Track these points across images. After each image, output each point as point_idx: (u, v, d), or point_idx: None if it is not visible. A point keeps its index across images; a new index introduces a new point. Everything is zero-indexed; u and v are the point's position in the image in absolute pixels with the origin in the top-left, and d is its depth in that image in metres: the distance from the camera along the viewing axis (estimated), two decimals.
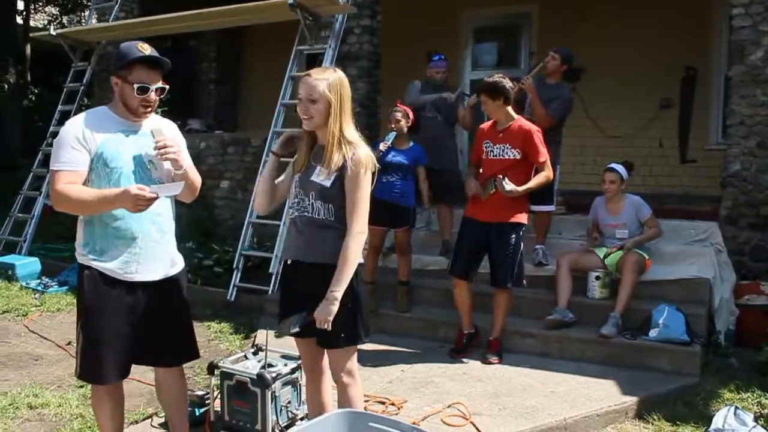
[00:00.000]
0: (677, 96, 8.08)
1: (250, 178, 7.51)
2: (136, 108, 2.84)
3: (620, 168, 5.33)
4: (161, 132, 2.86)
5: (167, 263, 2.97)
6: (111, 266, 2.83)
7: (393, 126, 5.25)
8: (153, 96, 2.85)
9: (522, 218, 4.73)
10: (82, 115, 2.87)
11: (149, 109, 2.88)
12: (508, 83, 4.62)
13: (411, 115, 5.37)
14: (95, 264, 2.84)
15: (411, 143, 5.39)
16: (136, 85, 2.79)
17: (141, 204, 2.64)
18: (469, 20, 9.20)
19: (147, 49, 2.81)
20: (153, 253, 2.89)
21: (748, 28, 5.51)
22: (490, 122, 4.87)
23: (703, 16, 7.77)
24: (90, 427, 3.69)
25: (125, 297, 2.85)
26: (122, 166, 2.79)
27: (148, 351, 2.96)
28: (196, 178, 3.05)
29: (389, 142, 5.16)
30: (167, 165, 2.82)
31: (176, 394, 3.18)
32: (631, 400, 4.07)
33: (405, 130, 5.30)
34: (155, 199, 2.67)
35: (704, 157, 7.91)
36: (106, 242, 2.83)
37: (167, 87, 2.91)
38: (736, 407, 3.75)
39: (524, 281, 4.86)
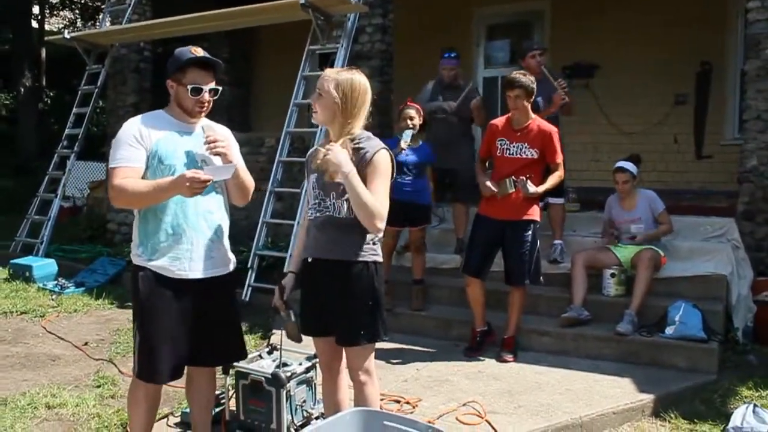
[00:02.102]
0: (692, 91, 8.02)
1: (263, 178, 7.51)
2: (192, 109, 2.93)
3: (629, 165, 5.30)
4: (212, 128, 2.96)
5: (219, 262, 3.01)
6: (163, 263, 2.88)
7: (409, 124, 5.21)
8: (207, 96, 2.94)
9: (535, 214, 4.71)
10: (139, 116, 2.97)
11: (203, 109, 2.96)
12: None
13: (421, 111, 5.35)
14: (149, 264, 2.89)
15: (420, 141, 5.38)
16: (189, 87, 2.87)
17: (196, 187, 2.71)
18: (482, 18, 9.18)
19: (200, 52, 2.90)
20: (204, 250, 2.94)
21: (763, 22, 5.45)
22: (503, 119, 4.84)
23: (718, 10, 7.71)
24: (107, 427, 3.71)
25: (178, 296, 2.89)
26: (176, 163, 2.87)
27: (201, 351, 2.99)
28: (249, 181, 3.09)
29: (409, 140, 5.13)
30: (218, 162, 2.86)
31: (206, 394, 3.22)
32: (648, 398, 4.04)
33: (417, 128, 5.29)
34: (209, 181, 2.73)
35: (720, 152, 7.84)
36: (158, 238, 2.88)
37: (220, 88, 3.00)
38: (755, 405, 3.70)
39: (541, 278, 4.85)
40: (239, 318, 3.20)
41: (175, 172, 2.84)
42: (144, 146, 2.85)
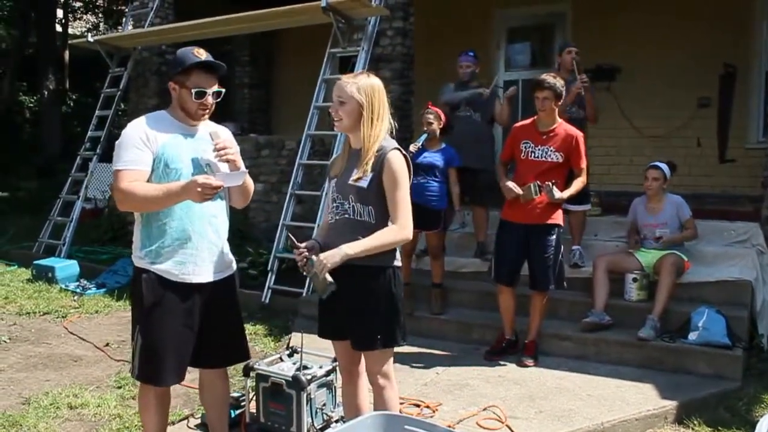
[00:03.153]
0: (716, 94, 7.92)
1: (284, 181, 7.54)
2: (195, 112, 2.89)
3: (664, 166, 5.24)
4: (218, 134, 2.93)
5: (222, 265, 3.01)
6: (167, 267, 2.85)
7: (425, 128, 5.23)
8: (210, 100, 2.90)
9: (559, 219, 4.68)
10: (143, 118, 2.92)
11: (207, 112, 2.93)
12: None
13: (443, 116, 5.33)
14: (153, 267, 2.87)
15: (443, 144, 5.36)
16: (194, 90, 2.84)
17: (208, 193, 2.67)
18: (503, 20, 9.15)
19: (203, 54, 2.85)
20: (208, 254, 2.93)
21: None
22: (528, 122, 4.80)
23: (743, 12, 7.62)
24: (128, 428, 3.73)
25: (182, 299, 2.88)
26: (182, 167, 2.84)
27: (204, 353, 2.99)
28: (250, 183, 3.09)
29: (420, 144, 5.14)
30: (224, 168, 2.84)
31: (220, 395, 3.21)
32: (671, 405, 3.99)
33: (437, 132, 5.27)
34: (220, 188, 2.71)
35: (744, 156, 7.74)
36: (163, 242, 2.86)
37: (223, 90, 2.96)
38: None
39: (565, 283, 4.81)
40: (241, 319, 3.20)
41: (181, 176, 2.81)
42: (150, 149, 2.81)
